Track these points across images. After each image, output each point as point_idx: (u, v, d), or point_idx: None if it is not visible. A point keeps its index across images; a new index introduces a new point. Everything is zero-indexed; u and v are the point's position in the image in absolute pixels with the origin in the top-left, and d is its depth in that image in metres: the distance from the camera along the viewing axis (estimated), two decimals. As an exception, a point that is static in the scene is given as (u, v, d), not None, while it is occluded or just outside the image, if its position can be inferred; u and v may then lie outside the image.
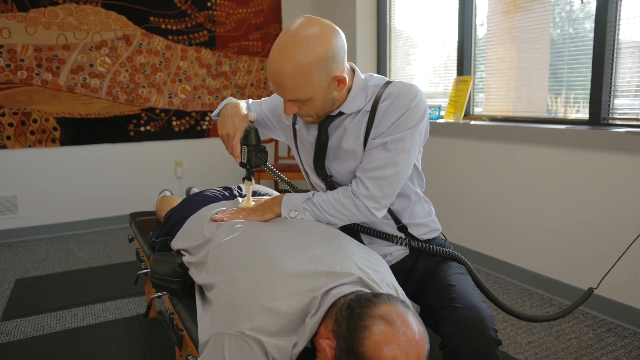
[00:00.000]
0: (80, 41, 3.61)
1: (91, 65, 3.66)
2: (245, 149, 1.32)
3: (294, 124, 1.43)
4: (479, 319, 1.10)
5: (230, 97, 1.51)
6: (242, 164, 1.35)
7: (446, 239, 1.48)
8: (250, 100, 1.59)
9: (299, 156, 1.46)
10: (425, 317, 1.24)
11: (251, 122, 1.33)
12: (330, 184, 1.36)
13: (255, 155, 1.32)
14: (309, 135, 1.36)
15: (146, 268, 1.83)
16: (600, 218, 2.25)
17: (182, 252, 1.39)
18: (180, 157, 4.11)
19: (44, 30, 3.49)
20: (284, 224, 1.26)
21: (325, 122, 1.30)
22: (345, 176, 1.34)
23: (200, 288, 1.24)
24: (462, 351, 1.08)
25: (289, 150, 4.38)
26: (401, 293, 1.12)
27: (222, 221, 1.33)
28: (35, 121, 3.54)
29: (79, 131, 3.70)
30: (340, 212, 1.28)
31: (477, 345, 1.07)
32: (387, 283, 1.09)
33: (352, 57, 3.93)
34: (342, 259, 1.08)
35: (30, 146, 3.56)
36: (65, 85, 3.60)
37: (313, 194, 1.32)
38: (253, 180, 1.40)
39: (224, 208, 1.42)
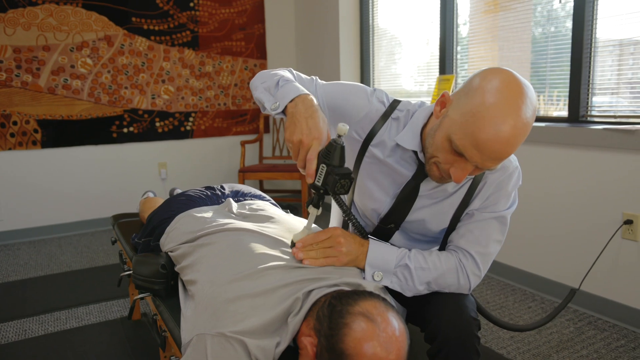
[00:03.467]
0: (61, 42, 3.56)
1: (72, 67, 3.62)
2: (325, 169, 1.00)
3: (367, 141, 1.19)
4: (459, 298, 1.14)
5: (286, 76, 1.17)
6: (314, 187, 1.02)
7: None
8: (296, 73, 1.28)
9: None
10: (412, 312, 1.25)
11: (339, 136, 0.99)
12: (384, 233, 1.23)
13: (338, 181, 0.98)
14: (394, 165, 1.16)
15: (129, 270, 1.82)
16: (580, 214, 2.29)
17: (170, 250, 1.38)
18: (164, 158, 4.08)
19: (23, 31, 3.44)
20: (275, 227, 1.25)
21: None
22: (415, 229, 1.22)
23: (184, 286, 1.24)
24: (442, 328, 1.11)
25: (274, 149, 4.38)
26: (389, 298, 1.13)
27: (301, 261, 1.10)
28: (15, 123, 3.49)
29: (61, 133, 3.65)
30: (436, 283, 1.14)
31: (458, 324, 1.10)
32: (375, 286, 1.10)
33: (335, 57, 3.95)
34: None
35: (10, 149, 3.50)
36: (45, 86, 3.55)
37: (408, 256, 1.14)
38: (320, 209, 1.08)
39: (210, 212, 1.41)
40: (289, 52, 4.53)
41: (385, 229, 1.23)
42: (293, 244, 1.09)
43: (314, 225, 1.25)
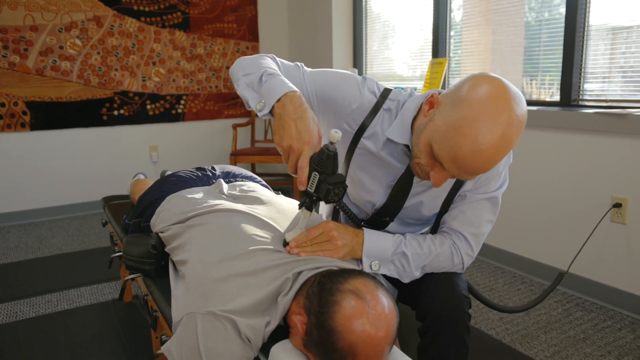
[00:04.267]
0: (49, 22, 3.50)
1: (61, 48, 3.56)
2: (317, 177, 0.96)
3: (358, 133, 1.16)
4: (450, 277, 1.16)
5: (269, 68, 1.09)
6: (306, 193, 0.99)
7: None
8: (279, 60, 1.20)
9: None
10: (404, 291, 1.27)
11: (331, 143, 0.94)
12: (378, 223, 1.23)
13: (331, 190, 0.95)
14: (387, 157, 1.15)
15: (120, 251, 1.81)
16: (570, 197, 2.31)
17: (160, 230, 1.37)
18: (156, 141, 4.05)
19: (10, 10, 3.37)
20: (265, 208, 1.25)
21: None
22: (409, 215, 1.22)
23: (175, 267, 1.23)
24: (434, 306, 1.13)
25: (266, 132, 4.36)
26: (380, 277, 1.14)
27: (297, 254, 1.07)
28: (3, 105, 3.44)
29: (50, 115, 3.60)
30: (431, 267, 1.16)
31: (449, 302, 1.12)
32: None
33: (327, 40, 3.91)
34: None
35: (-2, 131, 3.46)
36: (34, 67, 3.50)
37: (404, 243, 1.14)
38: (313, 212, 1.07)
39: (201, 193, 1.40)
40: (281, 35, 4.48)
41: (380, 221, 1.24)
42: (286, 243, 1.07)
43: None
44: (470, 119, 0.89)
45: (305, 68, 1.21)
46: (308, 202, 1.01)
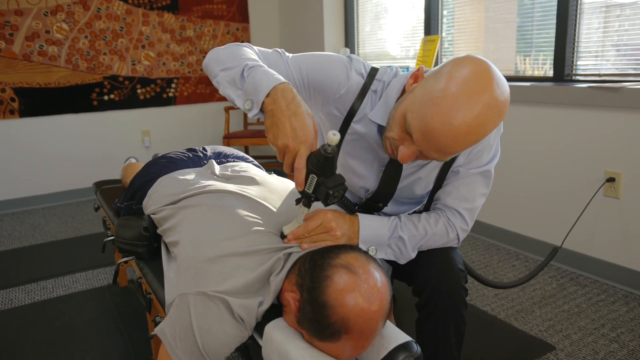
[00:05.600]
0: (34, 6, 3.43)
1: (47, 32, 3.50)
2: (315, 179, 0.92)
3: (348, 117, 1.13)
4: (447, 252, 1.17)
5: (249, 59, 1.02)
6: (304, 194, 0.96)
7: None
8: (257, 49, 1.13)
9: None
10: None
11: (329, 145, 0.89)
12: (372, 208, 1.23)
13: (330, 194, 0.92)
14: (376, 140, 1.12)
15: (113, 235, 1.80)
16: (563, 172, 2.31)
17: (152, 212, 1.36)
18: (147, 125, 4.01)
19: (-6, -6, 3.30)
20: (257, 188, 1.24)
21: None
22: (402, 195, 1.22)
23: (167, 248, 1.23)
24: (431, 281, 1.13)
25: (259, 116, 4.32)
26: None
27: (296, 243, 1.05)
28: (-10, 92, 3.39)
29: (39, 102, 3.55)
30: (426, 245, 1.16)
31: (446, 276, 1.13)
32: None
33: (319, 22, 3.86)
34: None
35: (-13, 118, 3.42)
36: (20, 53, 3.43)
37: (400, 226, 1.13)
38: (310, 208, 1.04)
39: (193, 175, 1.39)
40: (271, 16, 4.42)
41: (374, 206, 1.23)
42: (284, 236, 1.05)
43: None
44: (448, 93, 0.88)
45: (287, 54, 1.15)
46: (305, 201, 0.99)
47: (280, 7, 4.39)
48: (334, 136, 0.88)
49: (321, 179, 0.92)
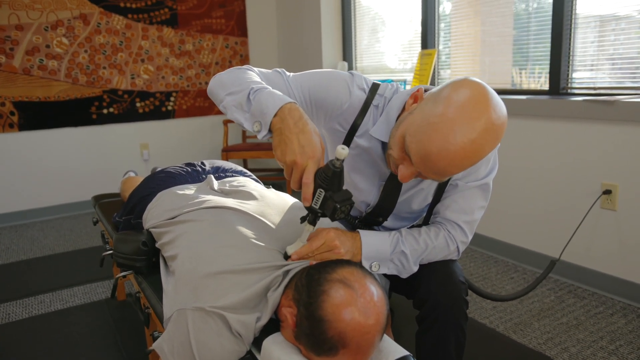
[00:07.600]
0: (35, 21, 3.46)
1: (47, 46, 3.53)
2: (322, 194, 0.93)
3: (351, 132, 1.15)
4: (447, 264, 1.18)
5: (253, 82, 1.04)
6: (311, 209, 0.96)
7: None
8: (258, 70, 1.15)
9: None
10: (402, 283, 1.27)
11: (338, 159, 0.91)
12: (372, 222, 1.24)
13: (338, 208, 0.92)
14: (377, 155, 1.14)
15: (111, 249, 1.80)
16: (560, 185, 2.32)
17: (151, 227, 1.36)
18: (146, 139, 4.03)
19: (-5, 9, 3.33)
20: (256, 204, 1.25)
21: None
22: (402, 210, 1.22)
23: (165, 263, 1.23)
24: (432, 293, 1.14)
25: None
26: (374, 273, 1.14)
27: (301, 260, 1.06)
28: (-10, 106, 3.41)
29: (39, 115, 3.57)
30: (427, 259, 1.17)
31: (447, 288, 1.13)
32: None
33: (317, 35, 3.90)
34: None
35: (-14, 132, 3.43)
36: (20, 67, 3.46)
37: (402, 241, 1.14)
38: (316, 227, 1.04)
39: (192, 190, 1.40)
40: (270, 30, 4.46)
41: (375, 220, 1.24)
42: (287, 256, 1.05)
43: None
44: (446, 118, 0.89)
45: (287, 73, 1.17)
46: (311, 218, 0.99)
47: (279, 21, 4.44)
48: (342, 150, 0.89)
49: (329, 193, 0.93)
